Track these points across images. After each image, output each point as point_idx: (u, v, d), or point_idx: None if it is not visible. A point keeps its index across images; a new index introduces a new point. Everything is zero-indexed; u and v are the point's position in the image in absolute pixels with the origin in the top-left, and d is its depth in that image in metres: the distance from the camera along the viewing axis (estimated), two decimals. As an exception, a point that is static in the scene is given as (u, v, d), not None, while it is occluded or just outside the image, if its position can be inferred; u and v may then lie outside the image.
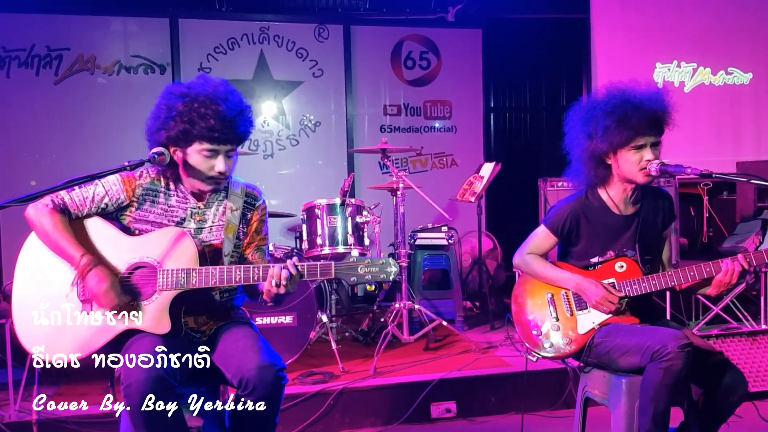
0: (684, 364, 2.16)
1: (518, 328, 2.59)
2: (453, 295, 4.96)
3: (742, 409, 3.54)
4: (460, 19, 6.12)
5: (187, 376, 2.17)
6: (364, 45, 6.11)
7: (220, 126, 2.20)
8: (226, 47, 5.81)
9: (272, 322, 3.84)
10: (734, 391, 2.30)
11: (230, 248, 2.35)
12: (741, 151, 5.61)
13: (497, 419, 3.63)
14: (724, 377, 2.30)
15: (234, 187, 2.43)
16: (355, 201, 4.19)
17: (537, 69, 6.93)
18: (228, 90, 2.27)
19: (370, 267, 2.18)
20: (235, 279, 2.20)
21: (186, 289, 2.19)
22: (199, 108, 2.19)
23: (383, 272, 2.18)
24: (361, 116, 6.17)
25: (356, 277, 2.18)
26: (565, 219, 2.54)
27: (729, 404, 2.33)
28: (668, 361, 2.17)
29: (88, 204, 2.27)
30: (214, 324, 2.36)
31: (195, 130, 2.19)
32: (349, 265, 2.18)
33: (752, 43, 5.76)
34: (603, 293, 2.42)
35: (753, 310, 4.46)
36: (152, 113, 2.29)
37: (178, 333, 2.23)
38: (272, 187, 5.94)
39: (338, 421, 3.49)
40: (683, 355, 2.16)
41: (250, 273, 2.20)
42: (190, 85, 2.27)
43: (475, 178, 5.11)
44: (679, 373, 2.17)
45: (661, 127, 2.44)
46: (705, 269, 2.35)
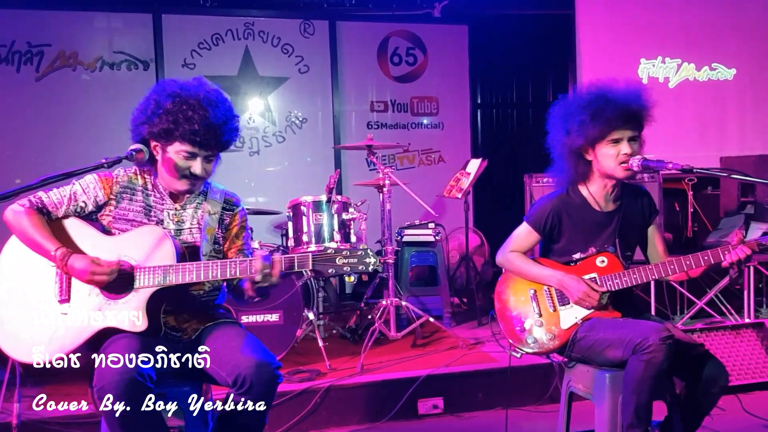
0: (665, 357, 2.18)
1: (502, 324, 2.60)
2: (440, 291, 4.97)
3: (726, 402, 3.60)
4: (446, 15, 6.12)
5: (167, 376, 2.16)
6: (350, 41, 6.10)
7: (203, 131, 2.21)
8: (211, 43, 5.78)
9: (258, 320, 3.83)
10: (715, 383, 2.32)
11: (208, 249, 2.35)
12: (725, 147, 5.65)
13: (484, 415, 3.64)
14: (705, 369, 2.32)
15: (213, 193, 2.43)
16: (341, 198, 4.18)
17: (523, 65, 6.94)
18: (219, 98, 2.28)
19: (349, 258, 2.16)
20: (212, 274, 2.19)
21: (163, 286, 2.18)
22: (186, 110, 2.19)
23: (362, 263, 2.16)
24: (348, 113, 6.16)
25: (334, 269, 2.15)
26: (547, 216, 2.56)
27: (710, 396, 2.35)
28: (650, 354, 2.18)
29: (66, 203, 2.27)
30: (199, 324, 2.34)
31: (178, 131, 2.20)
32: (327, 257, 2.16)
33: (736, 39, 5.79)
34: (585, 289, 2.44)
35: (736, 304, 4.49)
36: (140, 105, 2.29)
37: (157, 332, 2.22)
38: (259, 185, 5.94)
39: (325, 419, 3.48)
40: (664, 348, 2.17)
41: (227, 268, 2.19)
42: (183, 86, 2.27)
43: (462, 175, 5.12)
44: (660, 366, 2.18)
45: (639, 122, 2.46)
46: (685, 262, 2.37)
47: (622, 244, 2.54)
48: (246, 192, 5.85)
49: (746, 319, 4.39)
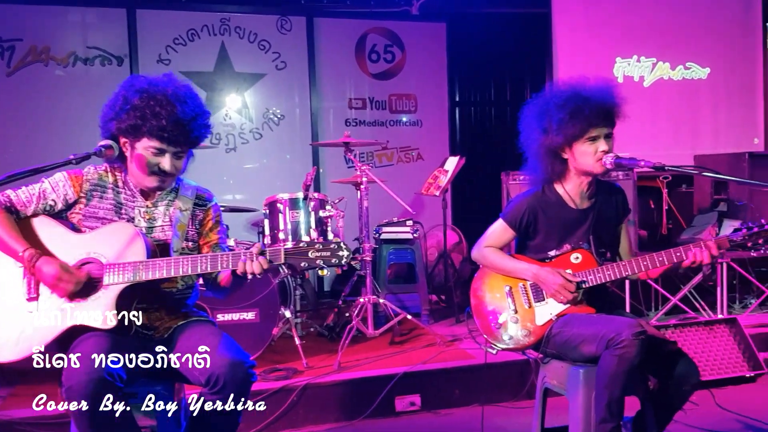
0: (637, 352, 2.20)
1: (478, 321, 2.61)
2: (418, 288, 4.97)
3: (699, 397, 3.64)
4: (424, 12, 6.11)
5: (139, 375, 2.14)
6: (327, 37, 6.08)
7: (171, 127, 2.19)
8: (186, 39, 5.73)
9: (234, 318, 3.80)
10: (687, 380, 2.35)
11: (179, 246, 2.33)
12: (699, 145, 5.72)
13: (461, 411, 3.65)
14: (677, 367, 2.34)
15: (184, 189, 2.42)
16: (318, 195, 4.16)
17: (501, 63, 6.97)
18: (188, 94, 2.27)
19: (322, 252, 2.16)
20: (182, 270, 2.18)
21: (134, 282, 2.16)
22: (154, 106, 2.18)
23: (335, 256, 2.16)
24: (326, 110, 6.14)
25: (307, 262, 2.15)
26: (522, 213, 2.57)
27: (682, 393, 2.37)
28: (622, 349, 2.20)
29: (35, 201, 2.24)
30: (172, 323, 2.32)
31: (145, 126, 2.18)
32: (300, 250, 2.16)
33: (710, 39, 5.86)
34: (561, 281, 2.46)
35: (710, 300, 4.55)
36: (109, 101, 2.27)
37: (128, 331, 2.19)
38: (236, 182, 5.90)
39: (302, 417, 3.47)
40: (637, 343, 2.19)
41: (197, 263, 2.18)
42: (152, 82, 2.25)
43: (440, 172, 5.12)
44: (632, 361, 2.20)
45: (613, 119, 2.49)
46: (657, 258, 2.39)
47: (596, 241, 2.57)
48: (223, 189, 5.81)
49: (719, 315, 4.45)
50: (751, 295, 4.80)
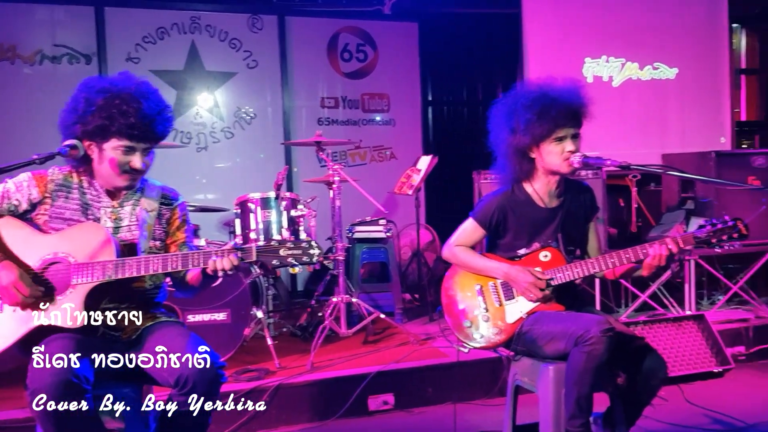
0: (606, 348, 2.22)
1: (449, 319, 2.63)
2: (392, 287, 4.97)
3: (668, 392, 3.70)
4: (396, 12, 6.11)
5: (106, 377, 2.11)
6: (299, 36, 6.06)
7: (140, 124, 2.19)
8: (156, 37, 5.66)
9: (205, 319, 3.77)
10: (655, 375, 2.38)
11: (146, 246, 2.32)
12: (667, 144, 5.79)
13: (434, 409, 3.66)
14: (644, 362, 2.38)
15: (150, 190, 2.41)
16: (290, 195, 4.15)
17: (473, 63, 7.00)
18: (150, 89, 2.27)
19: (293, 250, 2.17)
20: (152, 268, 2.17)
21: (102, 281, 2.14)
22: (120, 105, 2.17)
23: (306, 254, 2.17)
24: (298, 109, 6.11)
25: (278, 260, 2.16)
26: (492, 212, 2.59)
27: (650, 388, 2.41)
28: (591, 346, 2.22)
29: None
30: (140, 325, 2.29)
31: (114, 126, 2.17)
32: (271, 248, 2.16)
33: (678, 40, 5.94)
34: (531, 279, 2.48)
35: (678, 297, 4.62)
36: (68, 106, 2.25)
37: (95, 332, 2.17)
38: (208, 181, 5.84)
39: (274, 418, 3.45)
40: (605, 340, 2.22)
41: (168, 261, 2.17)
42: (112, 81, 2.25)
43: (413, 171, 5.13)
44: (601, 357, 2.23)
45: (579, 120, 2.51)
46: (624, 256, 2.42)
47: (565, 239, 2.59)
48: (195, 188, 5.76)
49: (687, 311, 4.52)
50: (718, 291, 4.89)
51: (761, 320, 4.45)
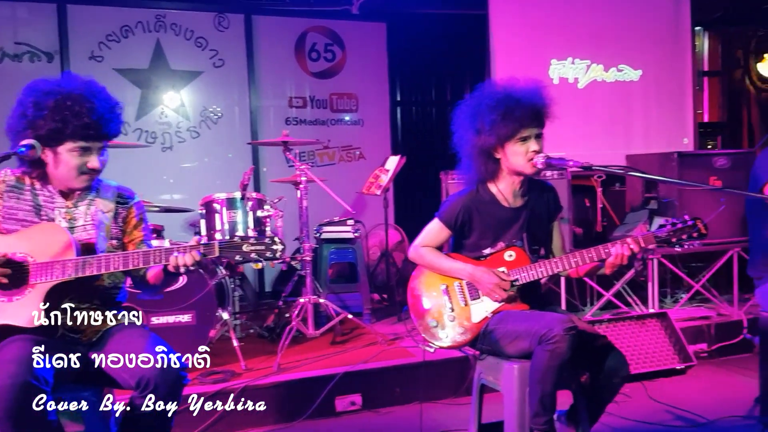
0: (568, 347, 2.24)
1: (415, 319, 2.63)
2: (360, 288, 4.96)
3: (631, 388, 3.76)
4: (364, 12, 6.10)
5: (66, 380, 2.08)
6: (266, 35, 6.01)
7: (94, 124, 2.17)
8: (120, 35, 5.58)
9: (170, 321, 3.71)
10: (616, 373, 2.41)
11: (104, 246, 2.30)
12: (631, 145, 5.87)
13: (401, 409, 3.67)
14: (607, 360, 2.41)
15: (105, 190, 2.38)
16: (256, 195, 4.12)
17: (441, 63, 7.02)
18: (98, 87, 2.25)
19: (256, 245, 2.16)
20: (113, 266, 2.14)
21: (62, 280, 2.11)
22: (72, 106, 2.14)
23: (269, 250, 2.17)
24: (266, 108, 6.07)
25: (241, 256, 2.15)
26: (458, 212, 2.60)
27: (612, 385, 2.44)
28: (554, 344, 2.24)
29: None
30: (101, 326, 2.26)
31: (68, 128, 2.14)
32: (234, 244, 2.16)
33: (641, 42, 6.03)
34: (496, 280, 2.49)
35: (642, 295, 4.69)
36: (15, 111, 2.20)
37: (54, 333, 2.13)
38: (174, 181, 5.77)
39: (240, 420, 3.41)
40: (568, 338, 2.24)
41: (129, 259, 2.15)
42: (58, 83, 2.22)
43: (381, 171, 5.13)
44: (563, 355, 2.25)
45: (542, 120, 2.54)
46: (587, 255, 2.45)
47: (530, 239, 2.61)
48: (160, 189, 5.68)
49: (651, 309, 4.59)
50: (681, 289, 4.98)
51: (723, 318, 4.54)
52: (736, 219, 4.51)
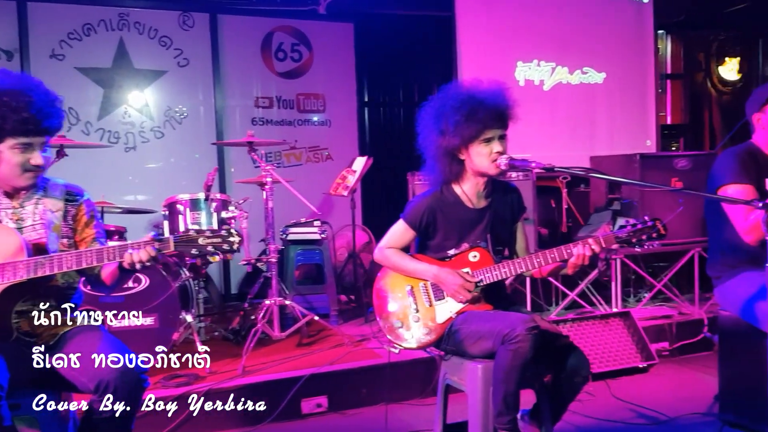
0: (531, 346, 2.26)
1: (381, 321, 2.63)
2: (327, 289, 4.94)
3: (595, 387, 3.81)
4: (331, 12, 6.07)
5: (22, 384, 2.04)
6: (232, 35, 5.96)
7: (33, 118, 2.13)
8: (82, 33, 5.47)
9: (132, 324, 3.65)
10: (578, 372, 2.44)
11: (55, 246, 2.26)
12: (596, 146, 5.96)
13: (367, 411, 3.65)
14: (569, 360, 2.43)
15: (53, 189, 2.34)
16: (221, 196, 4.09)
17: (409, 64, 7.02)
18: (34, 81, 2.21)
19: (212, 238, 2.14)
20: (66, 265, 2.11)
21: (14, 282, 2.07)
22: (9, 102, 2.10)
23: (226, 242, 2.15)
24: (232, 108, 6.01)
25: (197, 249, 2.13)
26: (422, 213, 2.60)
27: (574, 385, 2.46)
28: (517, 344, 2.26)
29: None
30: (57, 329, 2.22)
31: (8, 125, 2.10)
32: (189, 238, 2.14)
33: (605, 45, 6.12)
34: (460, 281, 2.50)
35: (605, 295, 4.75)
36: None
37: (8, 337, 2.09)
38: (137, 182, 5.68)
39: (203, 424, 3.36)
40: (530, 338, 2.26)
41: (82, 257, 2.12)
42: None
43: (348, 172, 5.12)
44: (526, 355, 2.26)
45: (506, 121, 2.56)
46: (549, 255, 2.47)
47: (494, 239, 2.63)
48: (123, 189, 5.58)
49: (614, 308, 4.65)
50: (644, 289, 5.06)
51: (684, 317, 4.62)
52: (697, 219, 4.59)
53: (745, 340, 2.97)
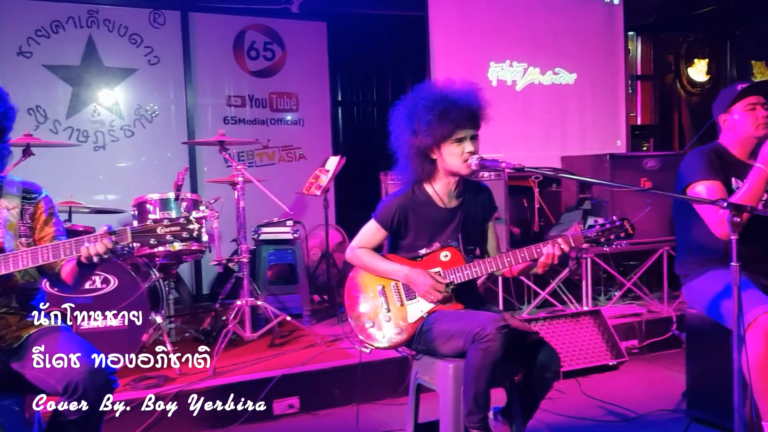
0: (501, 345, 2.27)
1: (352, 321, 2.63)
2: (300, 289, 4.92)
3: (565, 385, 3.84)
4: (304, 11, 6.04)
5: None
6: (204, 33, 5.90)
7: None
8: (50, 30, 5.38)
9: (100, 326, 3.59)
10: (548, 369, 2.46)
11: (12, 245, 2.22)
12: (567, 146, 6.01)
13: (340, 411, 3.64)
14: (538, 356, 2.45)
15: (9, 186, 2.30)
16: (191, 195, 4.04)
17: (383, 64, 7.03)
18: None
19: (171, 227, 2.12)
20: (22, 263, 2.09)
21: None
22: None
23: (185, 230, 2.13)
24: (203, 107, 5.95)
25: (156, 239, 2.11)
26: (393, 213, 2.60)
27: (545, 381, 2.48)
28: (487, 342, 2.27)
29: None
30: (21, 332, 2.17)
31: None
32: (147, 228, 2.11)
33: (576, 46, 6.18)
34: (431, 282, 2.50)
35: (576, 294, 4.79)
36: None
37: None
38: (108, 181, 5.59)
39: (174, 426, 3.33)
40: (500, 336, 2.27)
41: (38, 254, 2.09)
42: None
43: (321, 172, 5.10)
44: (496, 353, 2.28)
45: (478, 121, 2.57)
46: (519, 255, 2.48)
47: (465, 239, 2.63)
48: (93, 189, 5.47)
49: (585, 307, 4.69)
50: (614, 288, 5.11)
51: (653, 315, 4.68)
52: (666, 218, 4.65)
53: (711, 337, 3.01)
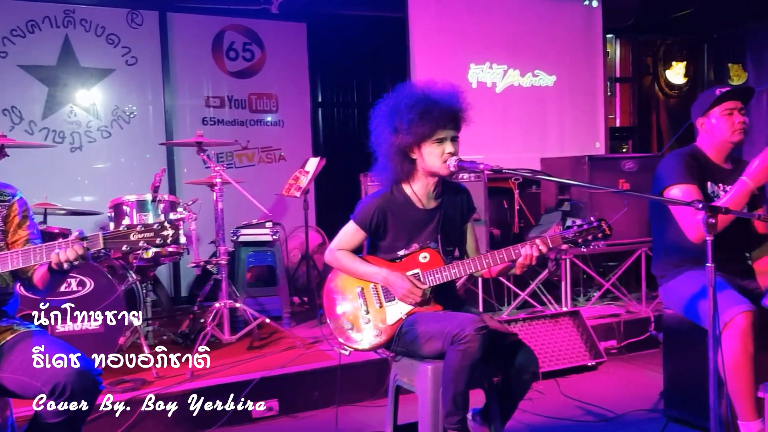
0: (480, 346, 2.27)
1: (331, 323, 2.62)
2: (279, 291, 4.89)
3: (545, 385, 3.85)
4: (284, 11, 6.02)
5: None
6: (182, 33, 5.85)
7: None
8: (25, 30, 5.31)
9: (76, 328, 3.54)
10: (527, 369, 2.46)
11: None
12: (547, 148, 6.04)
13: (319, 413, 3.63)
14: (517, 357, 2.45)
15: None
16: (168, 197, 4.00)
17: (363, 65, 7.02)
18: None
19: (144, 233, 2.09)
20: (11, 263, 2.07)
21: None
22: None
23: (159, 236, 2.10)
24: (182, 108, 5.89)
25: (128, 245, 2.08)
26: (372, 214, 2.59)
27: (523, 382, 2.48)
28: (466, 344, 2.27)
29: None
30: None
31: None
32: (119, 234, 2.08)
33: (556, 49, 6.22)
34: (409, 286, 2.50)
35: (556, 294, 4.82)
36: None
37: None
38: (86, 183, 5.53)
39: (151, 429, 3.29)
40: (479, 338, 2.27)
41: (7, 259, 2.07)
42: None
43: (301, 173, 5.09)
44: (475, 354, 2.28)
45: (458, 123, 2.57)
46: (498, 256, 2.49)
47: (444, 240, 2.63)
48: (69, 190, 5.42)
49: (564, 308, 4.72)
50: (593, 288, 5.15)
51: (631, 315, 4.71)
52: (644, 220, 4.69)
53: (688, 337, 3.04)
